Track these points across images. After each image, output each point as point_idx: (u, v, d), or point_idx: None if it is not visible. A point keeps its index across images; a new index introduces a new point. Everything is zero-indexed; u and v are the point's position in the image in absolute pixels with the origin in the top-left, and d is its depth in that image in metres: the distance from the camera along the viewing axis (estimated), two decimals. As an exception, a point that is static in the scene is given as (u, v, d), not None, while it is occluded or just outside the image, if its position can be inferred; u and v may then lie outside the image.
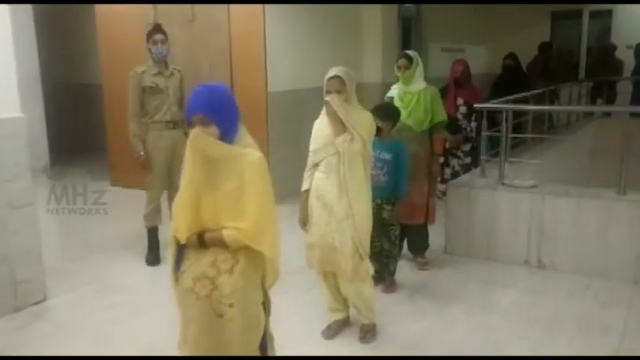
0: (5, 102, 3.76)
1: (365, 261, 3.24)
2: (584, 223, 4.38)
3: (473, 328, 3.63)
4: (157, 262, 4.71)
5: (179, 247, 2.20)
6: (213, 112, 2.09)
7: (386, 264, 4.08)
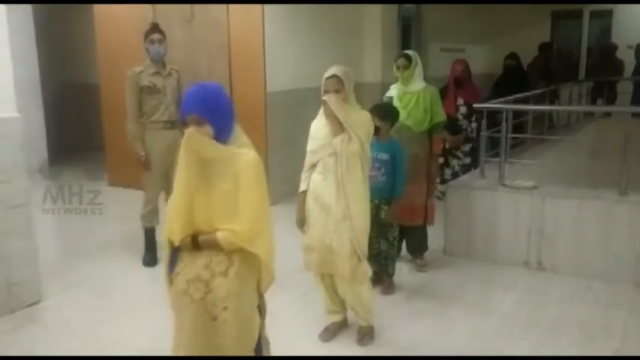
0: (1, 102, 3.73)
1: (363, 263, 3.21)
2: (585, 224, 4.34)
3: (472, 330, 3.59)
4: (154, 263, 4.67)
5: (173, 249, 2.17)
6: (208, 111, 2.05)
7: (384, 265, 4.05)
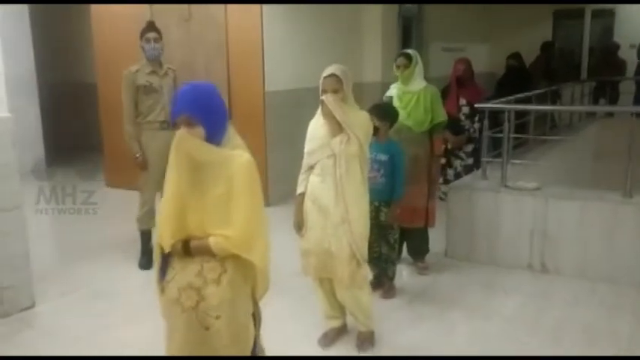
0: (-9, 101, 3.66)
1: (362, 267, 3.13)
2: (589, 226, 4.26)
3: (474, 335, 3.52)
4: (150, 266, 4.56)
5: (164, 256, 2.08)
6: (200, 112, 1.96)
7: (384, 269, 3.96)
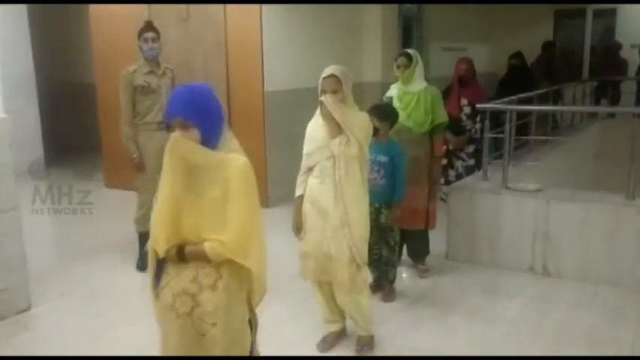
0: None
1: (362, 270, 3.08)
2: (591, 228, 4.21)
3: (474, 339, 3.47)
4: (148, 268, 4.54)
5: (159, 261, 2.03)
6: (194, 114, 1.91)
7: (385, 271, 3.91)
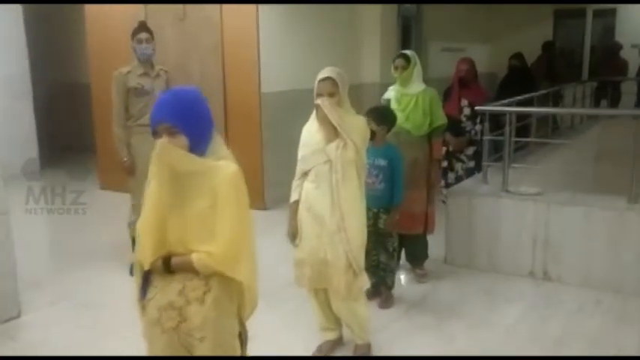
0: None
1: (359, 278, 3.00)
2: (593, 233, 4.14)
3: (474, 347, 3.39)
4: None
5: (146, 273, 1.95)
6: (181, 120, 1.83)
7: (383, 277, 3.83)
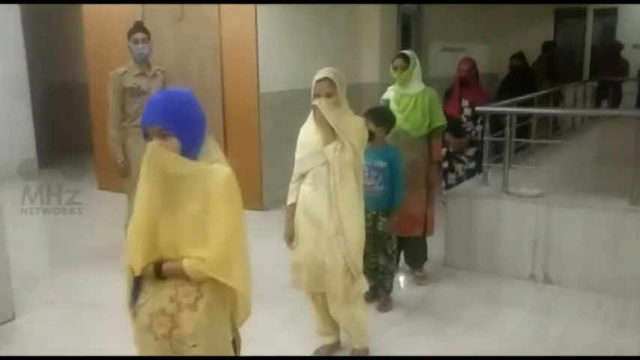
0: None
1: (357, 282, 2.96)
2: (594, 235, 4.08)
3: (473, 352, 3.33)
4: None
5: (136, 278, 1.91)
6: (173, 123, 1.78)
7: (381, 280, 3.79)
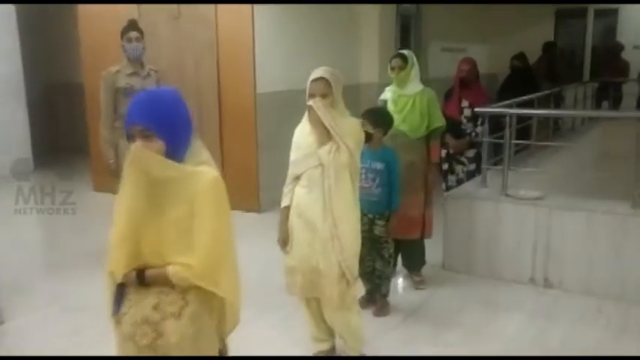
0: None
1: (352, 287, 2.88)
2: (595, 239, 4.01)
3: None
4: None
5: (119, 286, 1.83)
6: (157, 123, 1.71)
7: (378, 285, 3.71)
